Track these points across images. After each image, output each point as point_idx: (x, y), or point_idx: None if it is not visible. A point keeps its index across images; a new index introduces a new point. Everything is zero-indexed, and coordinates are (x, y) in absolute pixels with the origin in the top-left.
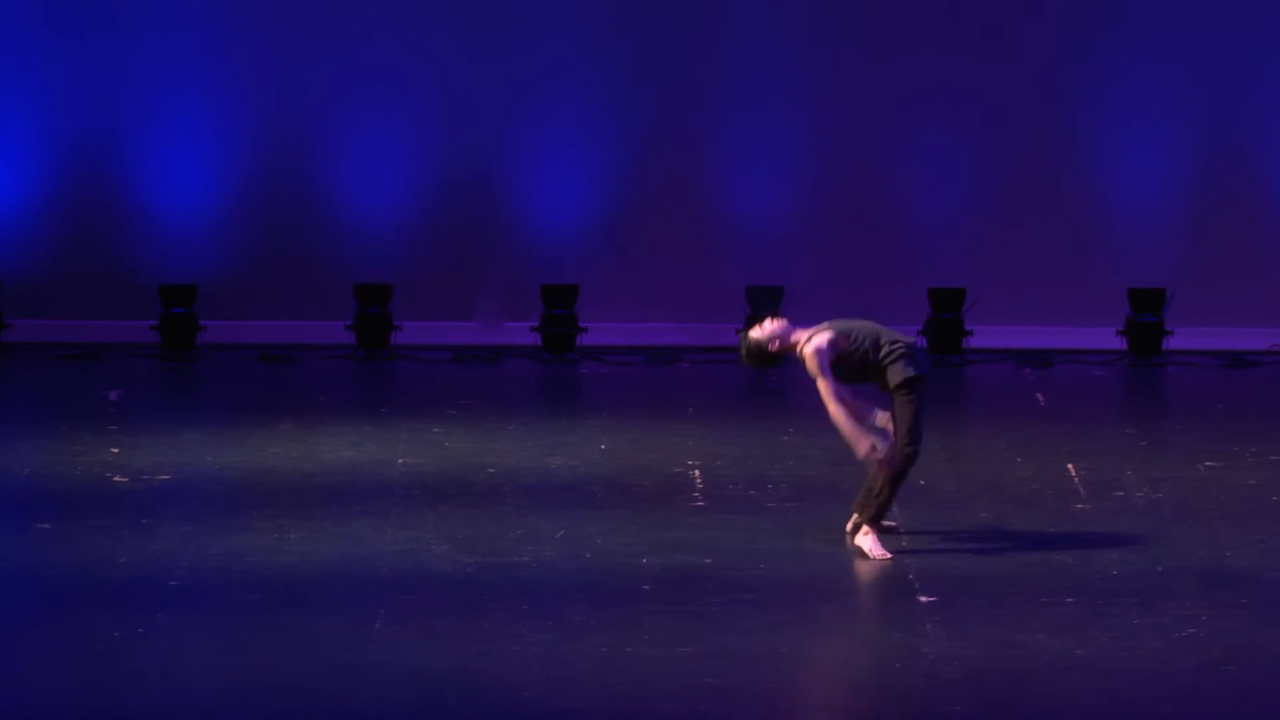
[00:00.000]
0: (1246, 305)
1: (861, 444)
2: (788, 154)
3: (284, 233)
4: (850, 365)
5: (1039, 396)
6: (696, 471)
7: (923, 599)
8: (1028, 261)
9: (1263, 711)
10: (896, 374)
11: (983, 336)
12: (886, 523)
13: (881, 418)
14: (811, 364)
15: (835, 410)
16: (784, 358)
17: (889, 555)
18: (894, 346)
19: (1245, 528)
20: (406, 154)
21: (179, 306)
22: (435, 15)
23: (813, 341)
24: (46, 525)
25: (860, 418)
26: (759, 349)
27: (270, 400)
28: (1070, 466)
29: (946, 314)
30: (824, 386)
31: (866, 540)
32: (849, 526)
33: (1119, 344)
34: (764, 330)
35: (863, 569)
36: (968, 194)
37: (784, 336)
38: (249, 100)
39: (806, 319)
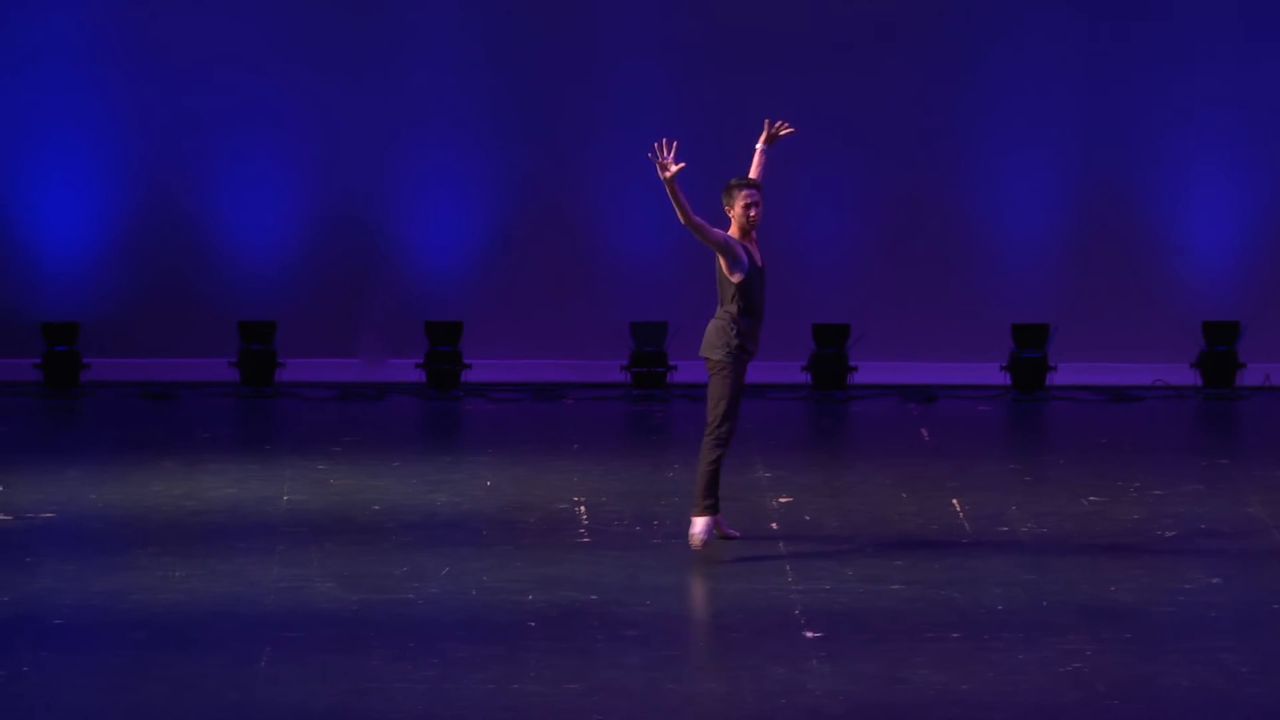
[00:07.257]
0: (1129, 339)
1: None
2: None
3: (167, 269)
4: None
5: (923, 432)
6: (581, 508)
7: (808, 634)
8: (912, 297)
9: None
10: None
11: (867, 372)
12: (731, 531)
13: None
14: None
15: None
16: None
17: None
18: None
19: (1128, 562)
20: (289, 190)
21: (62, 344)
22: (318, 53)
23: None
24: None
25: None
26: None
27: (153, 437)
28: (955, 501)
29: (830, 349)
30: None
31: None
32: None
33: (1003, 379)
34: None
35: (748, 605)
36: (856, 232)
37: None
38: (128, 134)
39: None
